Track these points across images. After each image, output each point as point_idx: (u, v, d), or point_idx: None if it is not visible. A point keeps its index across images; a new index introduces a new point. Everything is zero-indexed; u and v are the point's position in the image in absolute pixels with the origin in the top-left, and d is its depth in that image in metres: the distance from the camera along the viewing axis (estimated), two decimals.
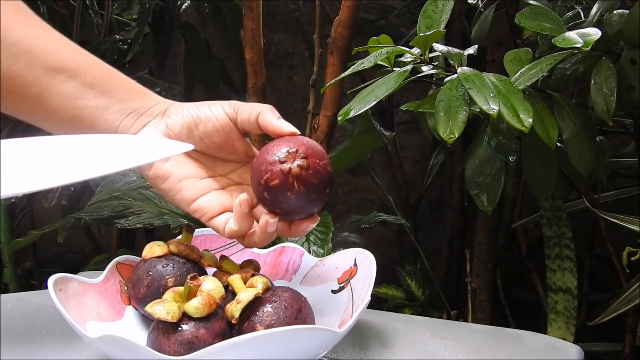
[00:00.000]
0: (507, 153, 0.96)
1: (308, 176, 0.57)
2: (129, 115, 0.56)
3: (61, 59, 0.54)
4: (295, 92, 1.79)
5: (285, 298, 0.61)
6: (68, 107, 0.54)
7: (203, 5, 1.69)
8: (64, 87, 0.54)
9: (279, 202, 0.57)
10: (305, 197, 0.57)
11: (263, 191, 0.57)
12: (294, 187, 0.56)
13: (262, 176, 0.56)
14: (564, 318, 1.12)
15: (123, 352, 0.55)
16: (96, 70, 0.56)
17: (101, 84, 0.56)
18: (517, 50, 0.92)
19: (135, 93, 0.58)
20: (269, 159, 0.57)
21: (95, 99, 0.55)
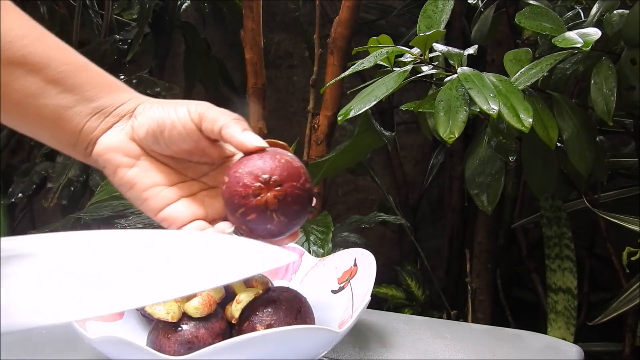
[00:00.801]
0: (507, 153, 0.96)
1: (287, 204, 0.52)
2: (94, 116, 0.52)
3: (21, 50, 0.48)
4: (295, 92, 1.79)
5: (285, 298, 0.61)
6: (27, 105, 0.49)
7: (203, 5, 1.69)
8: (22, 82, 0.49)
9: (260, 232, 0.53)
10: (286, 224, 0.53)
11: (241, 224, 0.52)
12: (272, 219, 0.52)
13: (237, 210, 0.52)
14: (564, 318, 1.12)
15: (123, 352, 0.55)
16: (61, 63, 0.50)
17: (65, 80, 0.50)
18: (517, 50, 0.92)
19: (103, 88, 0.53)
20: (240, 191, 0.51)
21: (57, 97, 0.50)
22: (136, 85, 1.35)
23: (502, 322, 1.46)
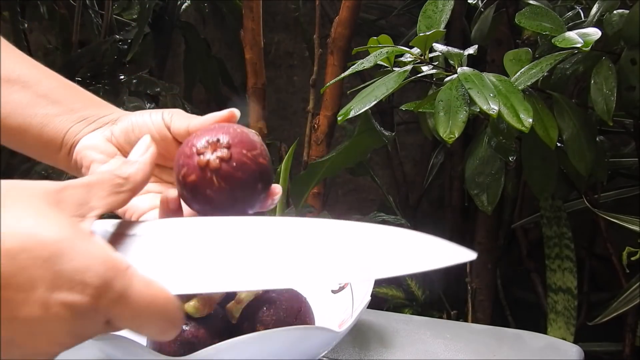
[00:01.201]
0: (507, 153, 0.96)
1: (230, 170, 0.48)
2: (79, 123, 0.55)
3: (17, 71, 0.55)
4: (295, 92, 1.79)
5: (285, 298, 0.61)
6: (18, 114, 0.55)
7: (203, 5, 1.69)
8: (16, 96, 0.55)
9: (198, 201, 0.49)
10: (227, 195, 0.48)
11: (181, 189, 0.49)
12: (213, 183, 0.48)
13: (180, 171, 0.49)
14: (564, 318, 1.12)
15: (123, 352, 0.55)
16: (51, 82, 0.56)
17: (54, 94, 0.56)
18: (517, 50, 0.92)
19: (89, 103, 0.57)
20: (186, 150, 0.49)
21: (46, 107, 0.55)
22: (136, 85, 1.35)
23: (502, 322, 1.46)
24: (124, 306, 0.37)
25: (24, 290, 0.35)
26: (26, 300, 0.35)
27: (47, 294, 0.35)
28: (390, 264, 0.41)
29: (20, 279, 0.35)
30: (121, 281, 0.37)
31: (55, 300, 0.35)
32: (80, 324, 0.37)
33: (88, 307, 0.36)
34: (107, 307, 0.37)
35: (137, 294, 0.37)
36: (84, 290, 0.36)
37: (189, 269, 0.41)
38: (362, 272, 0.41)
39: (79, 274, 0.36)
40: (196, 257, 0.41)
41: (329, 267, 0.40)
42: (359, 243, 0.42)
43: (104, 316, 0.37)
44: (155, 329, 0.39)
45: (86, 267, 0.36)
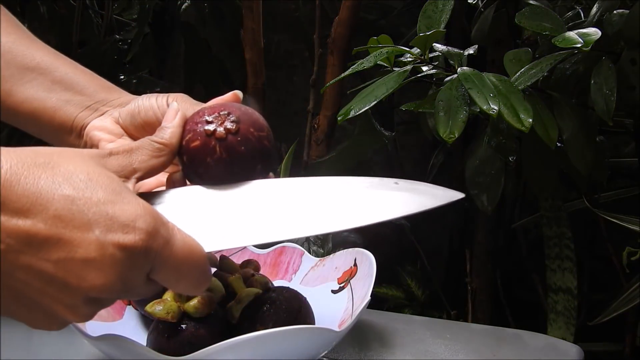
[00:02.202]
0: (507, 153, 0.96)
1: (235, 142, 0.49)
2: (88, 108, 0.58)
3: (36, 59, 0.59)
4: (295, 92, 1.79)
5: (285, 298, 0.61)
6: (33, 99, 0.58)
7: (203, 5, 1.69)
8: (33, 82, 0.58)
9: (196, 168, 0.49)
10: (226, 166, 0.49)
11: (182, 154, 0.50)
12: (215, 151, 0.49)
13: (185, 136, 0.50)
14: (564, 318, 1.12)
15: (123, 352, 0.55)
16: (67, 68, 0.59)
17: (68, 80, 0.59)
18: (517, 50, 0.92)
19: (102, 89, 0.60)
20: (196, 118, 0.50)
21: (60, 93, 0.58)
22: (136, 85, 1.35)
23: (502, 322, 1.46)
24: (168, 253, 0.41)
25: (81, 231, 0.38)
26: (82, 242, 0.38)
27: (102, 235, 0.38)
28: (387, 209, 0.47)
29: (77, 221, 0.38)
30: (165, 231, 0.41)
31: (110, 241, 0.39)
32: (131, 268, 0.40)
33: (140, 249, 0.39)
34: (155, 252, 0.40)
35: (179, 245, 0.41)
36: (136, 233, 0.39)
37: (210, 229, 0.45)
38: (362, 219, 0.46)
39: (131, 219, 0.39)
40: (212, 219, 0.46)
41: (337, 216, 0.46)
42: (355, 193, 0.47)
43: (150, 263, 0.40)
44: (191, 281, 0.43)
45: (137, 214, 0.40)
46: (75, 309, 0.40)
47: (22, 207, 0.37)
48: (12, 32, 0.60)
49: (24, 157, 0.38)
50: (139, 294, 0.43)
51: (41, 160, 0.39)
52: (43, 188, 0.38)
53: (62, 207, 0.38)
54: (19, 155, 0.38)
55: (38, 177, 0.38)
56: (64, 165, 0.39)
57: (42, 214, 0.38)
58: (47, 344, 0.68)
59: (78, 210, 0.38)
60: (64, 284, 0.39)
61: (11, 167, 0.38)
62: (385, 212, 0.47)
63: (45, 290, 0.39)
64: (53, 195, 0.38)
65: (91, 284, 0.39)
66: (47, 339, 0.69)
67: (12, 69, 0.58)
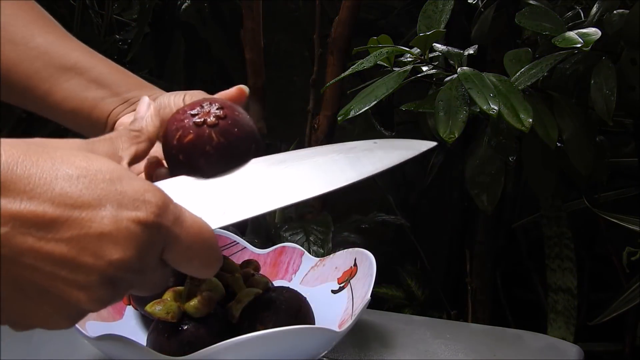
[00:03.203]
0: (507, 153, 0.96)
1: (227, 126, 0.49)
2: (122, 105, 0.60)
3: (73, 59, 0.60)
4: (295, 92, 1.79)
5: (285, 298, 0.61)
6: (71, 99, 0.60)
7: (203, 5, 1.69)
8: (71, 82, 0.60)
9: (197, 161, 0.49)
10: (226, 150, 0.49)
11: (177, 154, 0.49)
12: (212, 138, 0.48)
13: (174, 136, 0.49)
14: (564, 318, 1.12)
15: (123, 352, 0.55)
16: (103, 67, 0.61)
17: (104, 79, 0.60)
18: (517, 50, 0.92)
19: (135, 86, 0.61)
20: (178, 117, 0.50)
21: (96, 91, 0.60)
22: None
23: (502, 322, 1.46)
24: (179, 230, 0.41)
25: (92, 207, 0.37)
26: (95, 217, 0.37)
27: (116, 211, 0.38)
28: (368, 165, 0.50)
29: (86, 198, 0.37)
30: (174, 207, 0.41)
31: (124, 216, 0.38)
32: (146, 243, 0.39)
33: (154, 223, 0.39)
34: (167, 226, 0.40)
35: (189, 222, 0.41)
36: (148, 207, 0.39)
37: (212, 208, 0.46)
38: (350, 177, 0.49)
39: (140, 194, 0.39)
40: (208, 198, 0.47)
41: (322, 179, 0.49)
42: (337, 156, 0.50)
43: (163, 239, 0.40)
44: (203, 260, 0.43)
45: (144, 190, 0.39)
46: (90, 291, 0.38)
47: (24, 188, 0.36)
48: (50, 32, 0.61)
49: (17, 144, 0.38)
50: (151, 282, 0.42)
51: (34, 148, 0.38)
52: (44, 169, 0.37)
53: (67, 185, 0.37)
54: (10, 142, 0.37)
55: (36, 160, 0.37)
56: (60, 150, 0.39)
57: (47, 193, 0.36)
58: (47, 344, 0.68)
59: (85, 187, 0.37)
60: (78, 263, 0.37)
61: (6, 151, 0.36)
62: (367, 168, 0.50)
63: (56, 273, 0.37)
64: (56, 174, 0.37)
65: (108, 260, 0.38)
66: (47, 338, 0.69)
67: (51, 69, 0.60)
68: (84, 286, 0.38)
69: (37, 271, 0.37)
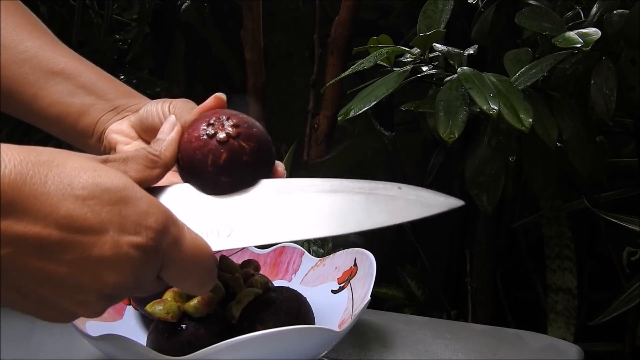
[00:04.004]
0: (507, 153, 0.96)
1: (247, 130, 0.49)
2: (110, 112, 0.60)
3: (62, 63, 0.60)
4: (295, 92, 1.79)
5: (285, 298, 0.61)
6: (58, 103, 0.59)
7: (203, 5, 1.69)
8: (58, 87, 0.59)
9: (240, 172, 0.49)
10: (259, 153, 0.49)
11: (219, 176, 0.48)
12: (243, 147, 0.48)
13: (206, 161, 0.48)
14: (564, 318, 1.12)
15: (123, 352, 0.55)
16: (91, 74, 0.61)
17: (92, 85, 0.60)
18: (517, 50, 0.92)
19: (123, 94, 0.61)
20: (196, 144, 0.49)
21: (83, 97, 0.60)
22: (136, 85, 1.35)
23: (502, 322, 1.46)
24: (176, 252, 0.42)
25: (95, 232, 0.38)
26: (97, 241, 0.38)
27: (117, 236, 0.39)
28: (390, 214, 0.49)
29: (91, 222, 0.38)
30: (175, 229, 0.42)
31: (124, 241, 0.39)
32: (144, 266, 0.40)
33: (152, 247, 0.40)
34: (165, 250, 0.41)
35: (188, 245, 0.42)
36: (148, 233, 0.40)
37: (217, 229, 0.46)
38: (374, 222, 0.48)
39: (143, 219, 0.40)
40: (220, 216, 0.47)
41: (340, 220, 0.48)
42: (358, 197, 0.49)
43: (161, 260, 0.41)
44: (196, 280, 0.44)
45: (148, 213, 0.40)
46: (87, 305, 0.41)
47: (31, 209, 0.36)
48: (38, 37, 0.61)
49: (27, 155, 0.37)
50: (148, 291, 0.44)
51: (45, 158, 0.38)
52: (52, 188, 0.37)
53: (73, 209, 0.37)
54: (20, 152, 0.37)
55: (45, 177, 0.37)
56: (69, 164, 0.39)
57: (53, 215, 0.37)
58: (47, 343, 0.68)
59: (90, 210, 0.38)
60: (78, 284, 0.39)
61: (15, 166, 0.36)
62: (382, 218, 0.49)
63: (57, 290, 0.39)
64: (63, 195, 0.37)
65: (105, 282, 0.39)
66: (47, 338, 0.69)
67: (38, 74, 0.59)
68: (81, 302, 0.40)
69: (40, 287, 0.38)
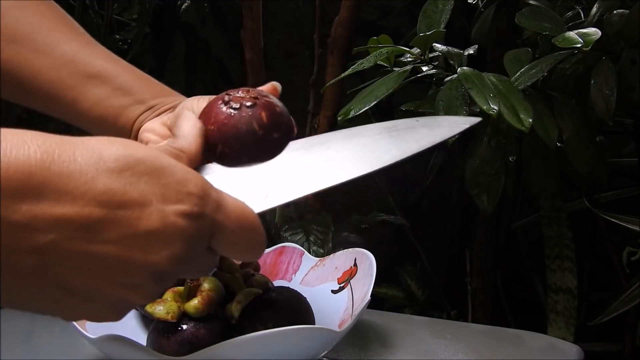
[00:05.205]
0: (507, 153, 0.96)
1: (265, 101, 0.51)
2: (146, 112, 0.60)
3: (98, 67, 0.60)
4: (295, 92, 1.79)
5: (285, 298, 0.61)
6: (97, 106, 0.59)
7: (203, 5, 1.69)
8: (96, 90, 0.59)
9: (281, 127, 0.50)
10: (273, 119, 0.51)
11: (271, 133, 0.50)
12: (271, 103, 0.51)
13: (252, 127, 0.49)
14: (564, 318, 1.12)
15: (123, 352, 0.55)
16: (127, 75, 0.61)
17: (128, 86, 0.60)
18: (517, 50, 0.92)
19: (159, 94, 0.62)
20: (232, 121, 0.50)
21: (120, 99, 0.60)
22: None
23: (502, 322, 1.46)
24: (223, 215, 0.40)
25: (138, 205, 0.36)
26: (142, 214, 0.36)
27: (161, 206, 0.37)
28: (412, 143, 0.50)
29: (132, 195, 0.36)
30: (215, 193, 0.40)
31: (170, 210, 0.37)
32: (194, 234, 0.38)
33: (198, 214, 0.38)
34: (210, 215, 0.39)
35: (231, 206, 0.41)
36: (191, 199, 0.38)
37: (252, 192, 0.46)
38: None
39: (183, 186, 0.38)
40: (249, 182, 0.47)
41: (366, 158, 0.49)
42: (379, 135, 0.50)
43: (209, 227, 0.39)
44: (247, 243, 0.42)
45: (187, 180, 0.38)
46: (141, 289, 0.38)
47: (65, 188, 0.33)
48: (74, 39, 0.61)
49: (48, 136, 0.35)
50: (199, 269, 0.42)
51: (67, 138, 0.35)
52: (83, 164, 0.34)
53: (110, 183, 0.35)
54: (41, 135, 0.35)
55: (73, 153, 0.34)
56: (94, 139, 0.36)
57: (90, 192, 0.34)
58: (47, 344, 0.68)
59: (129, 182, 0.36)
60: (128, 264, 0.36)
61: (39, 146, 0.34)
62: (411, 146, 0.50)
63: (107, 275, 0.36)
64: (96, 170, 0.35)
65: (159, 257, 0.37)
66: (47, 338, 0.69)
67: (77, 78, 0.59)
68: (135, 285, 0.37)
69: (88, 274, 0.36)
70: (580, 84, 0.97)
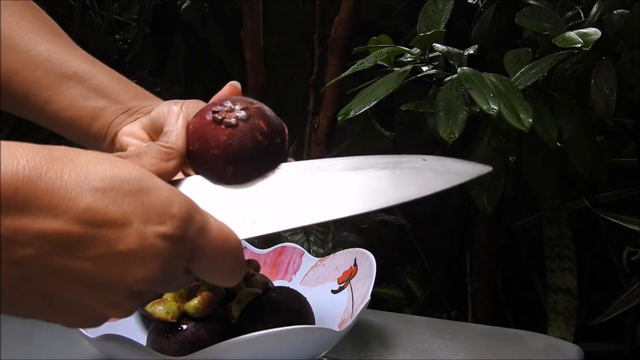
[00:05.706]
0: (507, 153, 0.96)
1: (257, 110, 0.49)
2: (122, 114, 0.59)
3: (75, 67, 0.59)
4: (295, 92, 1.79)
5: (285, 298, 0.61)
6: (71, 107, 0.58)
7: (203, 5, 1.69)
8: (71, 90, 0.59)
9: (247, 154, 0.47)
10: (272, 128, 0.49)
11: (239, 161, 0.47)
12: (262, 127, 0.48)
13: (255, 139, 0.47)
14: (564, 318, 1.12)
15: (123, 352, 0.55)
16: (104, 76, 0.60)
17: (105, 88, 0.59)
18: (517, 50, 0.92)
19: (136, 96, 0.61)
20: (227, 137, 0.47)
21: (96, 100, 0.59)
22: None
23: (502, 322, 1.46)
24: (204, 240, 0.40)
25: (118, 225, 0.36)
26: (121, 234, 0.36)
27: (142, 227, 0.37)
28: (416, 187, 0.48)
29: (113, 214, 0.36)
30: (199, 217, 0.40)
31: (150, 232, 0.37)
32: (172, 257, 0.38)
33: (179, 237, 0.38)
34: (191, 238, 0.39)
35: (214, 230, 0.40)
36: (173, 222, 0.38)
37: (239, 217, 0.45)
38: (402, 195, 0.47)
39: (166, 208, 0.38)
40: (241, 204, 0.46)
41: (368, 197, 0.47)
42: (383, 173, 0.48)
43: (189, 250, 0.39)
44: (227, 269, 0.42)
45: (171, 201, 0.38)
46: (118, 305, 0.39)
47: (49, 204, 0.34)
48: (52, 40, 0.60)
49: (39, 151, 0.35)
50: (177, 286, 0.42)
51: (58, 154, 0.36)
52: (69, 182, 0.35)
53: (93, 201, 0.35)
54: (32, 148, 0.35)
55: (60, 171, 0.35)
56: (83, 157, 0.37)
57: (72, 210, 0.35)
58: (47, 344, 0.68)
59: (111, 202, 0.36)
60: (105, 281, 0.37)
61: (28, 161, 0.34)
62: (411, 191, 0.48)
63: (85, 290, 0.37)
64: (81, 188, 0.35)
65: (135, 277, 0.37)
66: (47, 339, 0.69)
67: (52, 78, 0.59)
68: (111, 302, 0.38)
69: (66, 288, 0.36)
70: (580, 84, 0.97)
